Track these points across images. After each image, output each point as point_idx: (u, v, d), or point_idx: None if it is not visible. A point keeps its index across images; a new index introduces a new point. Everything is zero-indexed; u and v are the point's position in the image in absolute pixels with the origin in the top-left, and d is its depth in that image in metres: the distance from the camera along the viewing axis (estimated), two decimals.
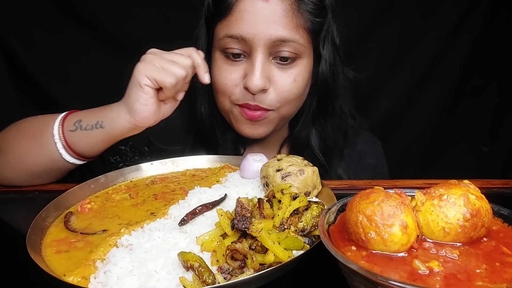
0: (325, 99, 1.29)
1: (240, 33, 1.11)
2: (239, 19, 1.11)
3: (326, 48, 1.23)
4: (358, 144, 1.45)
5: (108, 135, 1.10)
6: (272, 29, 1.10)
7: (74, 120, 1.11)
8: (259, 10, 1.09)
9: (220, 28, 1.16)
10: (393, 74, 2.14)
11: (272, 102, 1.18)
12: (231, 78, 1.17)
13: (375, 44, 2.04)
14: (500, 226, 0.68)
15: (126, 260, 0.71)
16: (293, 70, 1.17)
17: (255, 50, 1.12)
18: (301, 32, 1.14)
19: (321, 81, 1.25)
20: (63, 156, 1.11)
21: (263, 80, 1.13)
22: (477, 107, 2.17)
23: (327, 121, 1.33)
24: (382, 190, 0.65)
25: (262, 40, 1.10)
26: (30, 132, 1.16)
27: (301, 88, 1.20)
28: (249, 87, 1.13)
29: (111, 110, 1.09)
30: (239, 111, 1.21)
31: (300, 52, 1.16)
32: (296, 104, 1.25)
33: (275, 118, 1.23)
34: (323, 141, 1.34)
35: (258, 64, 1.12)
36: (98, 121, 1.09)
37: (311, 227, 0.76)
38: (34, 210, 0.88)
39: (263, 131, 1.24)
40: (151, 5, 1.92)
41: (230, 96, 1.20)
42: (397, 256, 0.59)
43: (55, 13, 1.92)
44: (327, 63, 1.23)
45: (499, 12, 2.01)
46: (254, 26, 1.10)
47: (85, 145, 1.12)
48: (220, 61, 1.19)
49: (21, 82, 1.99)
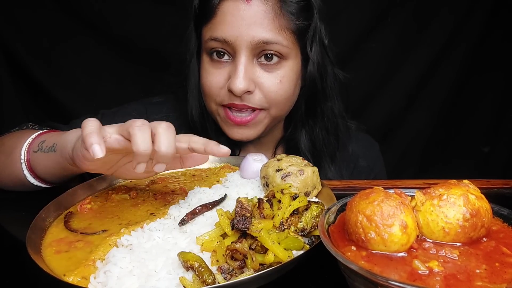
0: (313, 100, 1.28)
1: (222, 35, 1.12)
2: (222, 21, 1.12)
3: (313, 49, 1.22)
4: (349, 146, 1.43)
5: (58, 162, 0.96)
6: (254, 31, 1.10)
7: (40, 140, 1.03)
8: (241, 12, 1.10)
9: (206, 31, 1.17)
10: (393, 74, 2.13)
11: (260, 101, 1.17)
12: (215, 80, 1.17)
13: (376, 44, 2.04)
14: (500, 226, 0.68)
15: (126, 260, 0.71)
16: (279, 72, 1.16)
17: (238, 52, 1.12)
18: (285, 33, 1.13)
19: (309, 82, 1.24)
20: (27, 177, 1.04)
21: (246, 82, 1.12)
22: (477, 107, 2.17)
23: (316, 123, 1.32)
24: (382, 190, 0.65)
25: (244, 42, 1.11)
26: (6, 149, 1.10)
27: (288, 90, 1.19)
28: (232, 89, 1.13)
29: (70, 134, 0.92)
30: (224, 115, 1.21)
31: (285, 53, 1.15)
32: (286, 105, 1.24)
33: (265, 119, 1.22)
34: (312, 143, 1.33)
35: (241, 66, 1.12)
36: (54, 143, 0.97)
37: (311, 227, 0.76)
38: (34, 210, 0.88)
39: (251, 134, 1.23)
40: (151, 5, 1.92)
41: (215, 99, 1.20)
42: (397, 256, 0.60)
43: (55, 13, 1.92)
44: (314, 64, 1.22)
45: (499, 13, 2.01)
46: (236, 28, 1.10)
47: (42, 168, 1.03)
48: (206, 64, 1.20)
49: (21, 82, 1.99)
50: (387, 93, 2.16)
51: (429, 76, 2.13)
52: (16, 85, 1.98)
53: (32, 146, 1.04)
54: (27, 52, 1.93)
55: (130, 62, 2.01)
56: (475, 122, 2.18)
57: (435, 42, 2.08)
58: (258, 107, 1.18)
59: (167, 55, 1.72)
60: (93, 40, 1.97)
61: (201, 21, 1.19)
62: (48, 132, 1.09)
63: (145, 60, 1.99)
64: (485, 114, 2.17)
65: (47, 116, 1.97)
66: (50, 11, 1.91)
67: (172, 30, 1.52)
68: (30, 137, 1.05)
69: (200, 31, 1.21)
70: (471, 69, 2.11)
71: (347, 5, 1.97)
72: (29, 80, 1.97)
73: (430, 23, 2.05)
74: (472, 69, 2.11)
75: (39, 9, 1.89)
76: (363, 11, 2.02)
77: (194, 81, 1.28)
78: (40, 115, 1.99)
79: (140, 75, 2.01)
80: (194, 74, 1.28)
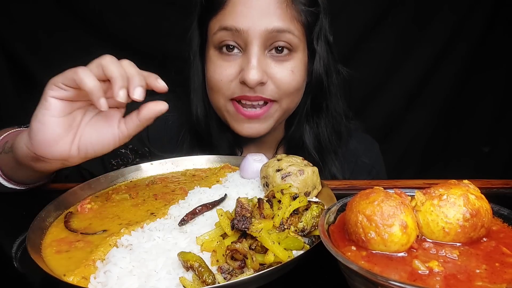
0: (319, 96, 1.29)
1: (234, 25, 1.10)
2: (233, 12, 1.11)
3: (320, 44, 1.23)
4: (350, 143, 1.44)
5: (17, 162, 0.90)
6: (267, 20, 1.10)
7: (5, 140, 0.99)
8: (253, 2, 1.09)
9: (214, 23, 1.16)
10: (393, 74, 2.13)
11: (272, 92, 1.17)
12: (226, 73, 1.15)
13: (376, 43, 2.04)
14: (500, 226, 0.68)
15: (126, 260, 0.71)
16: (290, 63, 1.17)
17: (250, 43, 1.11)
18: (296, 24, 1.14)
19: (315, 78, 1.25)
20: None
21: (260, 73, 1.11)
22: (477, 107, 2.16)
23: (321, 120, 1.33)
24: (382, 190, 0.65)
25: (257, 32, 1.10)
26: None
27: (300, 81, 1.20)
28: (246, 81, 1.11)
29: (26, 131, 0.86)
30: (234, 110, 1.19)
31: (295, 45, 1.16)
32: (296, 97, 1.25)
33: (277, 112, 1.22)
34: (317, 140, 1.33)
35: (254, 57, 1.11)
36: (12, 144, 0.92)
37: (311, 227, 0.76)
38: (34, 210, 0.88)
39: (262, 129, 1.22)
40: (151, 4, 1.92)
41: (224, 93, 1.18)
42: (397, 256, 0.60)
43: (55, 14, 1.92)
44: (321, 60, 1.23)
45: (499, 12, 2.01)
46: (248, 18, 1.09)
47: (8, 170, 0.98)
48: (214, 57, 1.18)
49: (22, 82, 1.99)
50: (388, 92, 2.16)
51: (429, 76, 2.13)
52: (16, 85, 1.98)
53: (1, 146, 1.02)
54: (27, 52, 1.93)
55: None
56: (475, 122, 2.18)
57: (436, 42, 2.08)
58: (271, 98, 1.18)
59: (167, 54, 1.72)
60: (94, 40, 1.97)
61: (208, 14, 1.18)
62: (17, 131, 1.05)
63: (145, 60, 1.99)
64: (485, 114, 2.16)
65: None
66: (50, 11, 1.91)
67: (172, 30, 1.52)
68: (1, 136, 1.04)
69: (207, 26, 1.19)
70: (471, 69, 2.11)
71: (347, 5, 1.97)
72: (29, 80, 1.97)
73: (430, 23, 2.05)
74: (472, 68, 2.11)
75: (39, 9, 1.89)
76: (364, 11, 2.02)
77: (198, 80, 1.27)
78: None
79: None
80: (197, 73, 1.27)
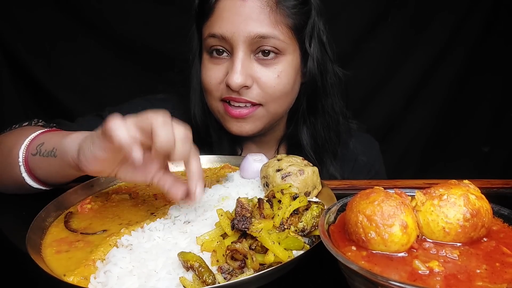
0: (314, 97, 1.30)
1: (220, 31, 1.14)
2: (219, 18, 1.15)
3: (312, 45, 1.23)
4: (351, 143, 1.45)
5: (60, 166, 0.93)
6: (250, 26, 1.12)
7: (38, 142, 0.99)
8: (237, 8, 1.12)
9: (205, 29, 1.20)
10: (393, 74, 2.14)
11: (258, 96, 1.18)
12: (214, 76, 1.19)
13: (376, 44, 2.04)
14: (500, 226, 0.68)
15: (126, 260, 0.71)
16: (277, 67, 1.17)
17: (235, 48, 1.14)
18: (281, 28, 1.15)
19: (309, 78, 1.26)
20: (26, 180, 1.00)
21: (243, 77, 1.14)
22: (477, 107, 2.17)
23: (317, 120, 1.33)
24: (382, 190, 0.65)
25: (241, 37, 1.12)
26: (4, 149, 1.06)
27: (286, 85, 1.20)
28: (229, 84, 1.14)
29: (71, 139, 0.89)
30: (223, 110, 1.22)
31: (282, 48, 1.16)
32: (285, 102, 1.25)
33: (264, 115, 1.23)
34: (314, 140, 1.34)
35: (238, 61, 1.14)
36: (54, 148, 0.94)
37: (311, 227, 0.76)
38: (34, 210, 0.88)
39: (250, 129, 1.24)
40: (152, 5, 1.92)
41: (215, 94, 1.22)
42: (397, 256, 0.60)
43: (56, 15, 1.92)
44: (314, 60, 1.24)
45: (498, 13, 2.01)
46: (232, 24, 1.12)
47: (43, 173, 0.99)
48: (206, 60, 1.22)
49: (22, 82, 1.99)
50: (387, 93, 2.16)
51: (429, 76, 2.13)
52: (17, 85, 1.99)
53: (30, 148, 0.99)
54: (27, 52, 1.94)
55: (130, 62, 2.02)
56: (475, 122, 2.18)
57: (435, 42, 2.08)
58: (256, 102, 1.19)
59: (168, 54, 1.73)
60: (94, 40, 1.98)
61: (201, 20, 1.22)
62: (47, 132, 1.05)
63: (145, 60, 1.99)
64: (485, 114, 2.17)
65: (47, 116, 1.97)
66: (50, 11, 1.91)
67: (173, 30, 1.52)
68: (28, 138, 1.01)
69: (201, 30, 1.23)
70: (471, 69, 2.11)
71: (347, 5, 1.97)
72: (30, 80, 1.97)
73: (430, 24, 2.05)
74: (472, 69, 2.11)
75: (39, 9, 1.89)
76: (363, 11, 2.02)
77: (197, 80, 1.29)
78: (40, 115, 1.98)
79: (141, 75, 2.02)
80: (196, 73, 1.29)
